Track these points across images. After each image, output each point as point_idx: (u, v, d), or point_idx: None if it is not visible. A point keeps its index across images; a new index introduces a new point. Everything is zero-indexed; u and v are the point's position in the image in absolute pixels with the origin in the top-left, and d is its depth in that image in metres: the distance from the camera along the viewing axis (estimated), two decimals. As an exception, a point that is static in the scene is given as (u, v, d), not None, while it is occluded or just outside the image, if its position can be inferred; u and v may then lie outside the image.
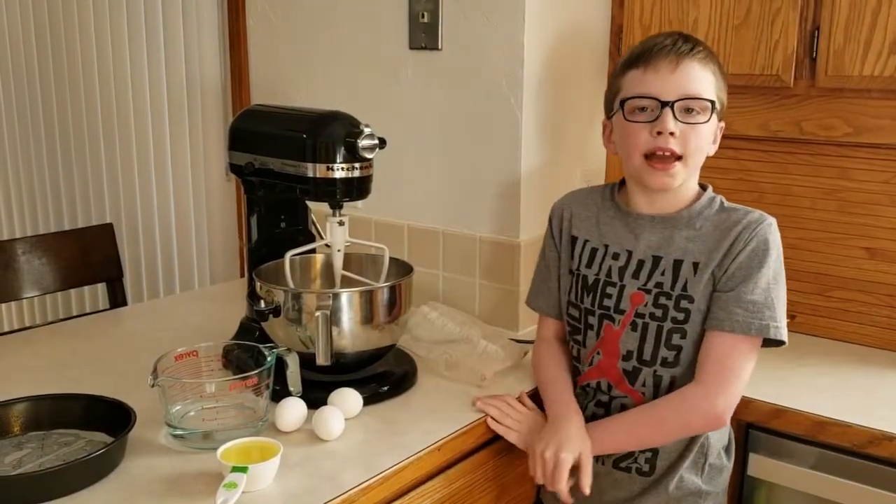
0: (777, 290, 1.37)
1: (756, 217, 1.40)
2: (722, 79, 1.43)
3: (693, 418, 1.38)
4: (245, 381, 1.32)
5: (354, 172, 1.50)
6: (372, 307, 1.49)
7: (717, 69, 1.41)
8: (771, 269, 1.36)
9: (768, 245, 1.37)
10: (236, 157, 1.63)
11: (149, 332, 1.89)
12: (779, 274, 1.38)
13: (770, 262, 1.36)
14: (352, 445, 1.36)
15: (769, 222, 1.40)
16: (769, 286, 1.36)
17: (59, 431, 1.36)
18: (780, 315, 1.37)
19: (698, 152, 1.40)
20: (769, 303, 1.36)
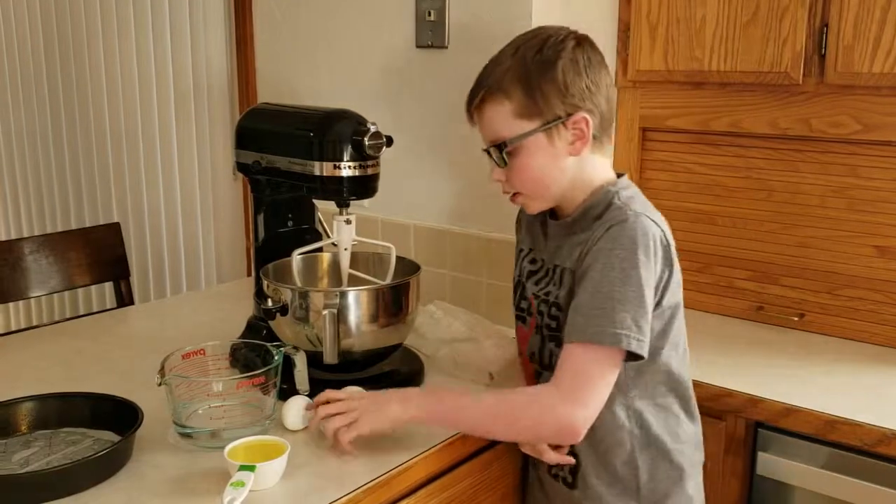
0: (625, 293, 1.20)
1: (618, 214, 1.25)
2: (529, 91, 1.27)
3: (544, 427, 1.27)
4: (252, 380, 1.32)
5: (361, 171, 1.49)
6: (379, 306, 1.48)
7: (514, 90, 1.27)
8: (616, 269, 1.21)
9: (616, 244, 1.21)
10: (243, 156, 1.62)
11: (156, 332, 1.89)
12: (630, 277, 1.20)
13: (616, 262, 1.21)
14: (359, 445, 1.35)
15: (628, 220, 1.23)
16: (613, 289, 1.20)
17: (67, 430, 1.36)
18: (628, 323, 1.19)
19: (532, 182, 1.32)
20: (610, 307, 1.20)
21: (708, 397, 1.61)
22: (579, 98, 1.27)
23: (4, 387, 1.51)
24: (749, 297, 1.98)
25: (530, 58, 1.28)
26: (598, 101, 1.29)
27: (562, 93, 1.27)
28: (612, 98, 1.33)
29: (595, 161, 1.33)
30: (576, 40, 1.30)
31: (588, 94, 1.28)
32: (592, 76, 1.28)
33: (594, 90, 1.28)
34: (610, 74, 1.34)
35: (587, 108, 1.28)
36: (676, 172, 2.04)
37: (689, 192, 2.03)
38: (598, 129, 1.30)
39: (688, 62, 1.86)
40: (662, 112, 2.00)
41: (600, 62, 1.32)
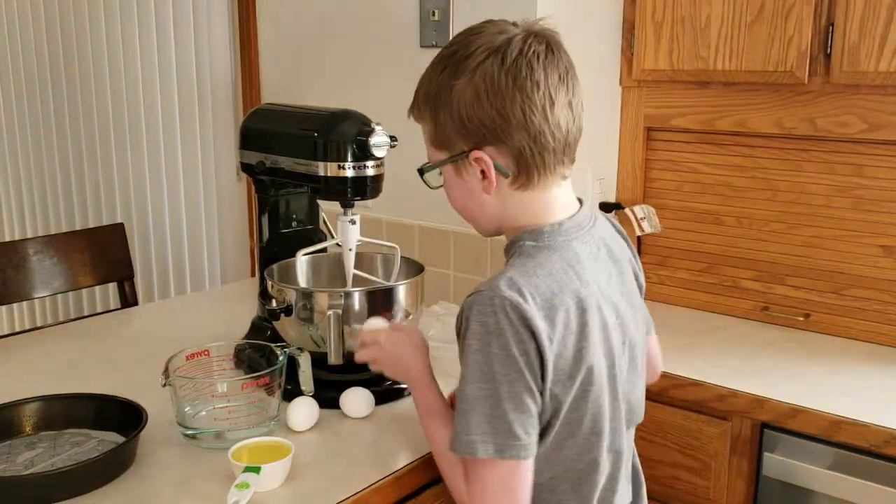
0: (481, 392, 1.01)
1: (483, 287, 1.03)
2: (434, 118, 1.11)
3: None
4: (257, 381, 1.32)
5: (366, 171, 1.49)
6: (384, 307, 1.48)
7: (425, 113, 1.13)
8: (475, 365, 1.02)
9: (472, 332, 1.02)
10: (247, 156, 1.62)
11: (160, 332, 1.88)
12: (493, 372, 1.01)
13: (474, 355, 1.01)
14: (364, 445, 1.35)
15: (483, 299, 1.01)
16: (467, 389, 1.03)
17: (71, 431, 1.36)
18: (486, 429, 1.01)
19: (459, 211, 1.19)
20: (466, 413, 1.03)
21: (713, 398, 1.60)
22: (478, 133, 1.06)
23: (9, 387, 1.51)
24: (754, 298, 1.98)
25: (437, 76, 1.10)
26: (511, 134, 1.05)
27: (459, 124, 1.07)
28: (553, 125, 1.06)
29: (521, 200, 1.11)
30: (490, 53, 1.05)
31: (491, 127, 1.05)
32: (500, 103, 1.04)
33: (501, 122, 1.05)
34: (559, 93, 1.06)
35: (492, 143, 1.07)
36: (681, 172, 2.03)
37: (694, 192, 2.02)
38: (517, 165, 1.07)
39: (693, 61, 1.85)
40: (667, 111, 2.00)
41: (528, 83, 1.04)
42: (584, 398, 1.07)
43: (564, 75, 1.08)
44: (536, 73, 1.05)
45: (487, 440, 1.02)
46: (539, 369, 1.02)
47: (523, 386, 1.01)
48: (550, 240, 1.09)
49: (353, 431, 1.39)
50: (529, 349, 1.01)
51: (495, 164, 1.08)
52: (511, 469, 1.04)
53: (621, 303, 1.14)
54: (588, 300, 1.06)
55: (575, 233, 1.11)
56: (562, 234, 1.10)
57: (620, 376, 1.13)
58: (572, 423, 1.08)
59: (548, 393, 1.04)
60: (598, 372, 1.07)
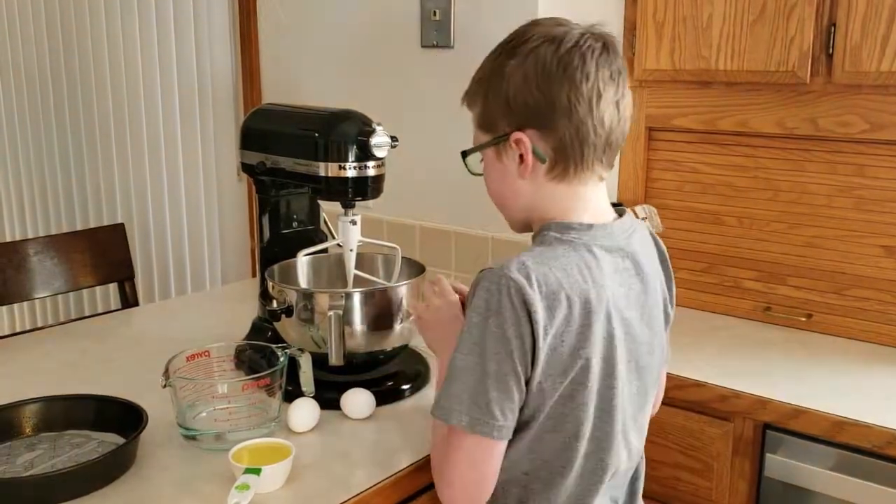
0: (468, 363, 1.03)
1: (495, 265, 1.05)
2: (485, 100, 1.13)
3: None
4: (258, 382, 1.31)
5: (367, 171, 1.49)
6: (385, 307, 1.47)
7: (478, 96, 1.14)
8: (470, 338, 1.03)
9: (475, 306, 1.04)
10: (248, 157, 1.62)
11: (160, 333, 1.88)
12: (484, 348, 1.02)
13: (472, 328, 1.03)
14: (365, 446, 1.35)
15: (492, 276, 1.03)
16: (457, 358, 1.05)
17: (71, 432, 1.35)
18: (464, 400, 1.03)
19: (493, 198, 1.20)
20: (450, 380, 1.05)
21: (715, 399, 1.60)
22: (522, 115, 1.08)
23: (9, 388, 1.51)
24: (756, 298, 1.97)
25: (492, 61, 1.13)
26: (554, 120, 1.06)
27: (505, 105, 1.10)
28: (597, 119, 1.07)
29: (554, 191, 1.11)
30: (545, 40, 1.07)
31: (535, 109, 1.07)
32: (547, 87, 1.06)
33: (546, 106, 1.06)
34: (608, 90, 1.07)
35: (534, 127, 1.08)
36: (683, 172, 2.03)
37: (695, 192, 2.02)
38: (555, 153, 1.08)
39: (694, 61, 1.85)
40: (669, 111, 1.99)
41: (578, 73, 1.06)
42: (571, 398, 1.07)
43: (616, 75, 1.09)
44: (588, 65, 1.06)
45: (463, 411, 1.03)
46: (531, 356, 1.03)
47: (510, 368, 1.02)
48: (576, 237, 1.09)
49: (354, 432, 1.39)
50: (524, 333, 1.01)
51: (534, 148, 1.09)
52: (480, 445, 1.05)
53: (636, 321, 1.13)
54: (596, 304, 1.05)
55: (603, 239, 1.10)
56: (588, 236, 1.09)
57: (619, 392, 1.11)
58: (555, 419, 1.08)
59: (535, 384, 1.04)
60: (592, 377, 1.06)
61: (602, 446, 1.12)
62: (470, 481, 1.09)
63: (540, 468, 1.11)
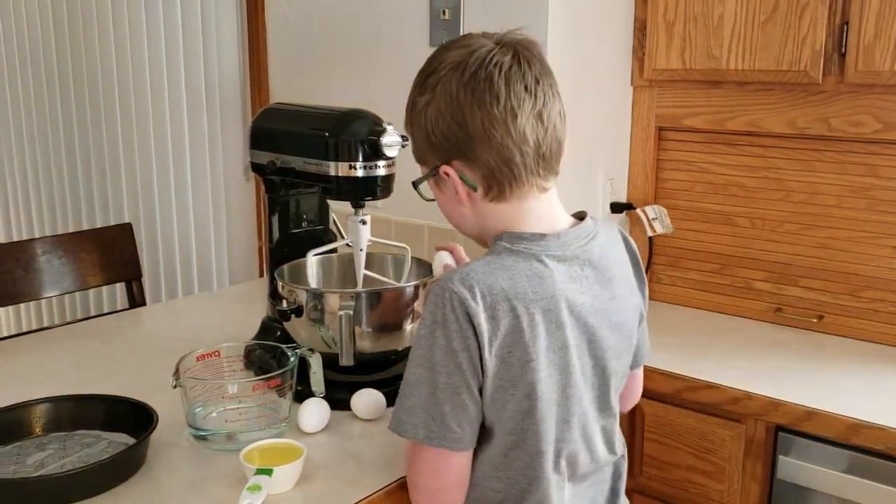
0: (420, 377, 1.03)
1: (442, 278, 1.04)
2: (414, 140, 1.15)
3: None
4: (268, 382, 1.31)
5: (377, 171, 1.48)
6: (395, 307, 1.46)
7: (407, 128, 1.16)
8: (419, 351, 1.04)
9: (423, 319, 1.04)
10: (257, 156, 1.61)
11: (168, 333, 1.87)
12: (434, 361, 1.02)
13: (420, 341, 1.03)
14: (376, 447, 1.34)
15: (437, 289, 1.02)
16: (410, 371, 1.05)
17: (81, 433, 1.34)
18: (419, 413, 1.03)
19: (448, 219, 1.19)
20: (405, 393, 1.05)
21: (727, 401, 1.59)
22: (444, 148, 1.08)
23: (18, 388, 1.50)
24: (767, 299, 1.96)
25: (411, 94, 1.13)
26: (474, 149, 1.05)
27: (427, 140, 1.10)
28: (517, 138, 1.05)
29: (496, 211, 1.10)
30: (451, 68, 1.06)
31: (454, 142, 1.06)
32: (461, 118, 1.05)
33: (463, 136, 1.05)
34: (523, 105, 1.04)
35: (458, 158, 1.08)
36: (693, 172, 2.02)
37: (705, 193, 2.01)
38: (485, 179, 1.07)
39: (705, 61, 1.84)
40: (679, 111, 1.98)
41: (487, 97, 1.04)
42: (529, 414, 1.05)
43: (533, 85, 1.06)
44: (496, 85, 1.04)
45: (419, 424, 1.04)
46: (480, 368, 1.02)
47: (461, 380, 1.02)
48: (525, 247, 1.07)
49: (365, 433, 1.38)
50: (471, 345, 1.01)
51: (462, 177, 1.09)
52: (440, 456, 1.06)
53: (601, 328, 1.11)
54: (546, 314, 1.04)
55: (555, 249, 1.08)
56: (539, 246, 1.08)
57: (577, 401, 1.09)
58: (517, 435, 1.06)
59: (488, 396, 1.04)
60: (546, 388, 1.04)
61: (571, 460, 1.11)
62: (435, 490, 1.10)
63: (509, 486, 1.09)
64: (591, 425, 1.14)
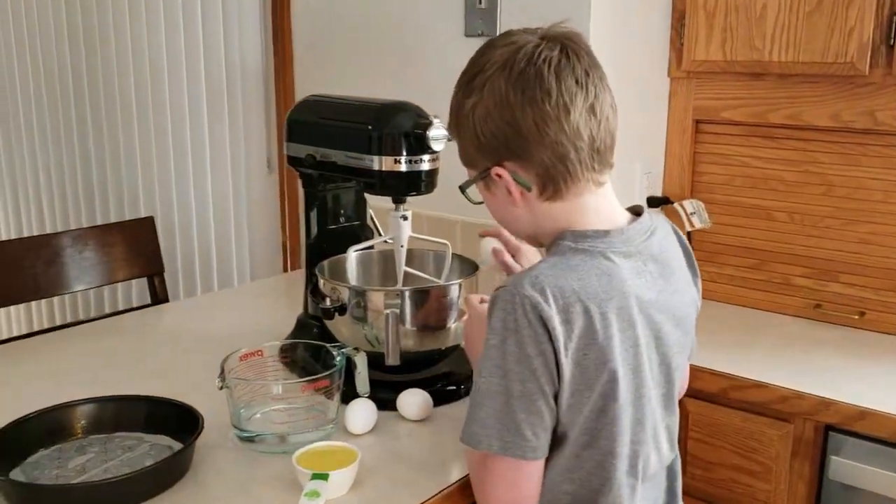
0: (492, 387, 0.99)
1: (509, 283, 1.00)
2: (457, 137, 1.11)
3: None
4: (317, 383, 1.27)
5: (421, 165, 1.44)
6: (440, 305, 1.43)
7: (452, 132, 1.13)
8: (490, 360, 0.99)
9: (492, 328, 0.99)
10: (295, 149, 1.57)
11: (198, 330, 1.83)
12: (507, 369, 0.97)
13: (491, 350, 0.99)
14: (425, 449, 1.30)
15: (506, 295, 0.98)
16: (480, 382, 1.00)
17: (122, 434, 1.31)
18: (492, 424, 0.99)
19: (501, 222, 1.16)
20: (476, 405, 1.01)
21: (776, 399, 1.56)
22: (495, 149, 1.05)
23: (50, 388, 1.47)
24: (806, 295, 1.93)
25: (455, 96, 1.09)
26: (527, 148, 1.02)
27: (476, 142, 1.06)
28: (571, 134, 1.01)
29: (552, 210, 1.07)
30: (498, 67, 1.03)
31: (505, 143, 1.03)
32: (511, 117, 1.01)
33: (515, 136, 1.02)
34: (576, 99, 1.01)
35: (510, 158, 1.04)
36: (731, 166, 1.98)
37: (744, 187, 1.97)
38: (540, 178, 1.04)
39: (747, 52, 1.80)
40: (718, 103, 1.94)
41: (538, 94, 1.00)
42: (603, 412, 1.01)
43: (583, 79, 1.03)
44: (547, 81, 1.01)
45: (493, 435, 0.99)
46: (556, 373, 0.98)
47: (536, 387, 0.98)
48: (591, 245, 1.04)
49: (412, 434, 1.35)
50: (546, 350, 0.97)
51: (516, 178, 1.05)
52: (515, 467, 1.02)
53: (666, 324, 1.08)
54: (619, 313, 1.01)
55: (621, 245, 1.05)
56: (604, 243, 1.04)
57: (649, 400, 1.07)
58: (589, 434, 1.03)
59: (564, 401, 1.00)
60: (620, 389, 1.01)
61: (642, 460, 1.08)
62: (510, 501, 1.05)
63: (580, 487, 1.06)
64: (659, 424, 1.11)
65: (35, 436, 1.26)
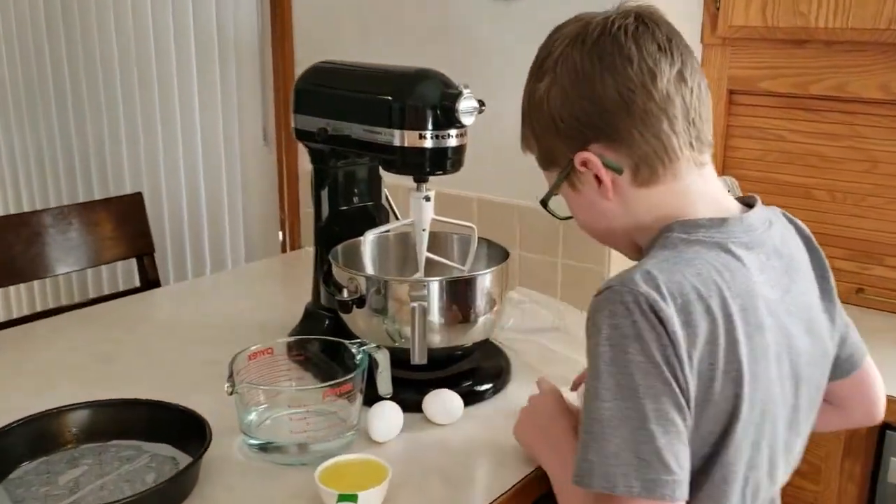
0: (616, 411, 0.81)
1: (614, 282, 0.84)
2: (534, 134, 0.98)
3: None
4: (340, 388, 1.13)
5: (448, 141, 1.29)
6: (470, 297, 1.29)
7: (527, 133, 1.00)
8: (608, 379, 0.82)
9: (604, 339, 0.82)
10: (304, 122, 1.42)
11: (194, 318, 1.68)
12: (633, 385, 0.81)
13: (606, 366, 0.82)
14: (457, 459, 1.17)
15: (614, 296, 0.83)
16: (600, 409, 0.82)
17: (117, 443, 1.17)
18: (626, 458, 0.80)
19: (594, 232, 1.02)
20: (597, 438, 0.82)
21: (829, 395, 1.44)
22: (577, 133, 0.92)
23: (35, 388, 1.33)
24: (847, 279, 1.80)
25: (525, 90, 0.99)
26: (614, 123, 0.90)
27: (554, 130, 0.94)
28: (661, 101, 0.89)
29: (651, 198, 0.93)
30: (569, 42, 0.92)
31: (587, 121, 0.91)
32: (590, 90, 0.90)
33: (598, 111, 0.90)
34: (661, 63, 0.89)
35: (596, 140, 0.91)
36: (767, 140, 1.84)
37: (780, 163, 1.84)
38: (632, 159, 0.91)
39: (790, 18, 1.66)
40: (755, 73, 1.80)
41: (617, 60, 0.89)
42: (723, 436, 0.86)
43: (666, 44, 0.91)
44: (626, 46, 0.90)
45: (630, 473, 0.80)
46: (685, 387, 0.82)
47: (671, 401, 0.81)
48: (707, 235, 0.89)
49: (442, 442, 1.22)
50: (671, 358, 0.81)
51: (604, 161, 0.92)
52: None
53: (795, 328, 0.93)
54: (744, 315, 0.86)
55: (741, 235, 0.91)
56: (722, 233, 0.90)
57: (773, 420, 0.91)
58: (703, 460, 0.87)
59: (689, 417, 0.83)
60: (745, 408, 0.86)
61: (756, 485, 0.92)
62: None
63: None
64: (779, 446, 0.95)
65: (18, 447, 1.13)
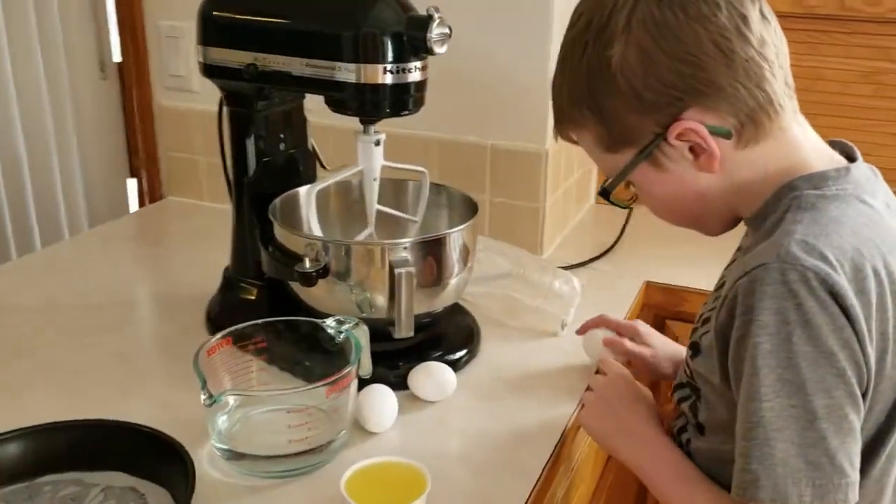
0: (780, 410, 0.72)
1: (767, 249, 0.76)
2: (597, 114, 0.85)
3: None
4: (343, 381, 0.95)
5: (411, 76, 1.11)
6: (441, 258, 1.14)
7: (580, 116, 0.87)
8: (770, 374, 0.72)
9: (763, 326, 0.72)
10: (221, 55, 1.16)
11: (68, 300, 1.38)
12: (801, 379, 0.71)
13: (767, 359, 0.72)
14: (471, 442, 1.04)
15: (774, 273, 0.72)
16: (761, 409, 0.72)
17: (49, 479, 0.92)
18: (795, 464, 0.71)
19: (671, 217, 0.93)
20: (759, 441, 0.73)
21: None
22: (667, 100, 0.80)
23: None
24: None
25: (578, 65, 0.84)
26: (712, 80, 0.78)
27: (637, 102, 0.82)
28: (758, 45, 0.79)
29: (757, 157, 0.82)
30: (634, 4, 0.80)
31: (681, 84, 0.79)
32: (681, 47, 0.78)
33: (692, 70, 0.78)
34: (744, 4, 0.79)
35: (691, 105, 0.80)
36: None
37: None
38: (737, 118, 0.80)
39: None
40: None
41: (704, 7, 0.78)
42: (889, 419, 0.78)
43: None
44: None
45: (801, 480, 0.71)
46: (864, 368, 0.73)
47: (846, 394, 0.72)
48: (839, 188, 0.80)
49: (441, 421, 1.08)
50: (850, 340, 0.71)
51: (709, 127, 0.80)
52: None
53: None
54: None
55: (865, 183, 0.82)
56: (852, 184, 0.80)
57: None
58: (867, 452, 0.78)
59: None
60: None
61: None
62: None
63: None
64: None
65: None
